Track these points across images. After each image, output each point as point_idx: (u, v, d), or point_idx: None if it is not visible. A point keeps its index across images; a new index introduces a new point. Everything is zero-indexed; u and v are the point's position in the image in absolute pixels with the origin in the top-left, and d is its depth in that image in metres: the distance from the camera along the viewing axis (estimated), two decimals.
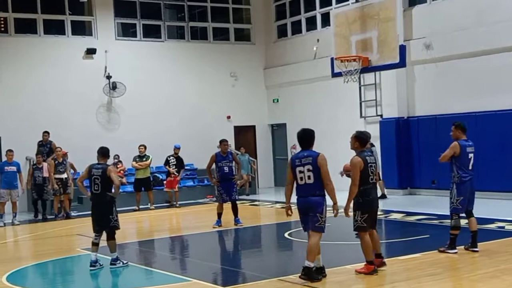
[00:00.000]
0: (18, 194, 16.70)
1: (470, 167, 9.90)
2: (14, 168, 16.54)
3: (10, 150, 16.79)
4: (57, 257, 11.45)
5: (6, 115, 19.38)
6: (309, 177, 8.35)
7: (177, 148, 19.51)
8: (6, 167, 16.48)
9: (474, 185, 10.01)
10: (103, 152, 10.15)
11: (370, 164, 8.63)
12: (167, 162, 19.38)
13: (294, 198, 8.56)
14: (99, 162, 10.08)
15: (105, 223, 9.97)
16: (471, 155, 9.90)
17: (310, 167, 8.34)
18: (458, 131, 10.00)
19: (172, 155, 19.42)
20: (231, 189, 14.07)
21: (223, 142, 14.51)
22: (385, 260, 8.99)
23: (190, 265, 10.55)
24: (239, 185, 19.38)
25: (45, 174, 17.19)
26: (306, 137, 8.62)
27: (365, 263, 8.70)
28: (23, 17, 20.41)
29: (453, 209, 9.88)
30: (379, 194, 18.61)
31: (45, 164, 17.30)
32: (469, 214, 9.97)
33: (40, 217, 17.34)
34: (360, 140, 8.81)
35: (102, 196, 9.91)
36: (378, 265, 8.77)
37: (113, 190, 9.91)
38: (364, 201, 8.64)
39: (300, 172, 8.38)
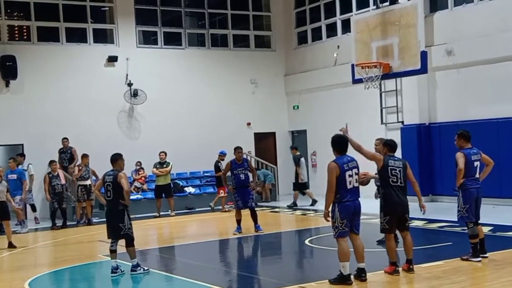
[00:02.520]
0: (18, 201, 15.98)
1: (477, 175, 9.75)
2: (14, 176, 16.40)
3: (11, 158, 16.91)
4: (79, 263, 11.52)
5: (29, 123, 19.57)
6: (356, 181, 8.66)
7: (223, 155, 19.49)
8: (9, 175, 16.29)
9: (481, 193, 9.83)
10: (112, 159, 10.23)
11: (392, 168, 8.93)
12: (218, 169, 19.31)
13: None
14: (112, 169, 10.16)
15: (116, 231, 10.01)
16: (476, 163, 9.76)
17: (356, 170, 8.70)
18: (461, 140, 9.88)
19: (219, 161, 19.44)
20: (246, 196, 14.06)
21: (237, 150, 14.50)
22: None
23: (210, 272, 10.54)
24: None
25: (63, 182, 17.18)
26: (344, 141, 8.86)
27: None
28: (45, 25, 20.63)
29: (460, 217, 9.79)
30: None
31: (60, 172, 17.28)
32: (476, 224, 9.82)
33: (60, 223, 17.11)
34: (388, 146, 9.27)
35: (114, 203, 9.96)
36: (405, 270, 8.93)
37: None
38: (386, 204, 8.98)
39: (350, 176, 8.58)
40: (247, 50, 23.79)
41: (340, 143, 8.80)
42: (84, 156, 17.72)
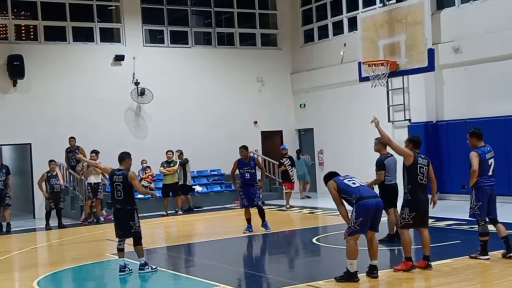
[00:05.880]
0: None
1: (491, 173, 9.65)
2: None
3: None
4: (87, 262, 11.54)
5: (37, 122, 19.62)
6: (360, 182, 8.82)
7: (285, 149, 19.82)
8: None
9: (495, 191, 9.75)
10: (120, 157, 10.20)
11: (420, 166, 9.00)
12: (280, 164, 19.59)
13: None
14: (119, 168, 10.15)
15: (127, 229, 10.02)
16: (491, 161, 9.66)
17: (356, 179, 8.93)
18: (473, 138, 9.76)
19: (283, 156, 19.56)
20: (252, 195, 14.03)
21: (240, 149, 14.40)
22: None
23: (218, 270, 10.55)
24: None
25: (61, 182, 17.16)
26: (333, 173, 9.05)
27: (403, 260, 9.00)
28: (52, 24, 20.69)
29: (472, 214, 9.71)
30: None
31: (59, 171, 17.24)
32: (495, 222, 9.76)
33: (55, 224, 16.95)
34: (413, 143, 9.33)
35: (124, 202, 9.96)
36: (423, 267, 8.98)
37: (138, 196, 10.06)
38: (412, 199, 8.96)
39: (349, 181, 8.74)
40: (253, 48, 23.79)
41: (332, 173, 8.95)
42: (94, 153, 17.59)
